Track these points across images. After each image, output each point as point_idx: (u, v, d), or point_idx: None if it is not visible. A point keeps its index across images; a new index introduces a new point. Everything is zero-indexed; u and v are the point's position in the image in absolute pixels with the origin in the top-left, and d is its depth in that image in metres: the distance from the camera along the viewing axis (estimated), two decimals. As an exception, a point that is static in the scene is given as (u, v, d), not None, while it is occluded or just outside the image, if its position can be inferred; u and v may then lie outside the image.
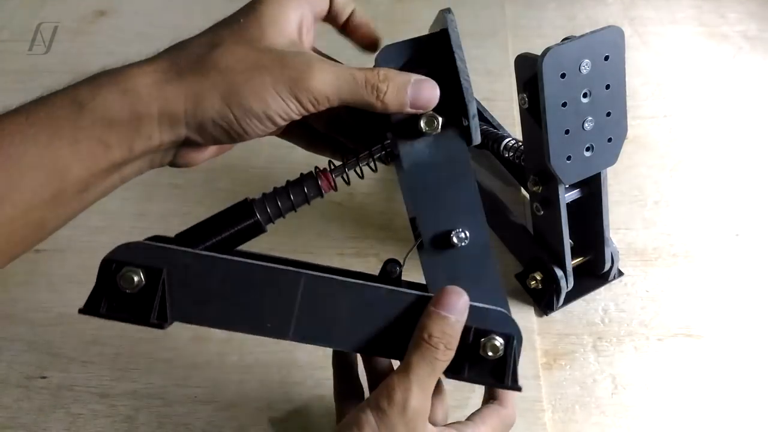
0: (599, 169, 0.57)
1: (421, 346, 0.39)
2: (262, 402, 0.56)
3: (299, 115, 0.37)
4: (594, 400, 0.57)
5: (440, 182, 0.42)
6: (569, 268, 0.60)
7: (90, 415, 0.56)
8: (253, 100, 0.36)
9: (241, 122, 0.36)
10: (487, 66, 0.90)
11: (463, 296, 0.40)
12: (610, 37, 0.52)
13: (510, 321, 0.42)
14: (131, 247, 0.40)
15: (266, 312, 0.40)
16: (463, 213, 0.42)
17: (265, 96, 0.36)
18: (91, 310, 0.39)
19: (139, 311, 0.39)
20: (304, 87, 0.36)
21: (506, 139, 0.68)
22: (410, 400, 0.38)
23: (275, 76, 0.36)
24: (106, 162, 0.35)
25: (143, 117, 0.35)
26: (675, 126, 0.82)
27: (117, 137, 0.35)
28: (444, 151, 0.41)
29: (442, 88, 0.40)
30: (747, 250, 0.68)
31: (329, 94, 0.37)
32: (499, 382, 0.41)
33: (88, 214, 0.38)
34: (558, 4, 1.01)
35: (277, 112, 0.36)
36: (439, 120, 0.40)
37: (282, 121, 0.37)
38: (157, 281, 0.39)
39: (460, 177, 0.42)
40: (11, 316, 0.62)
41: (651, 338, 0.61)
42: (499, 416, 0.43)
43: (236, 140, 0.38)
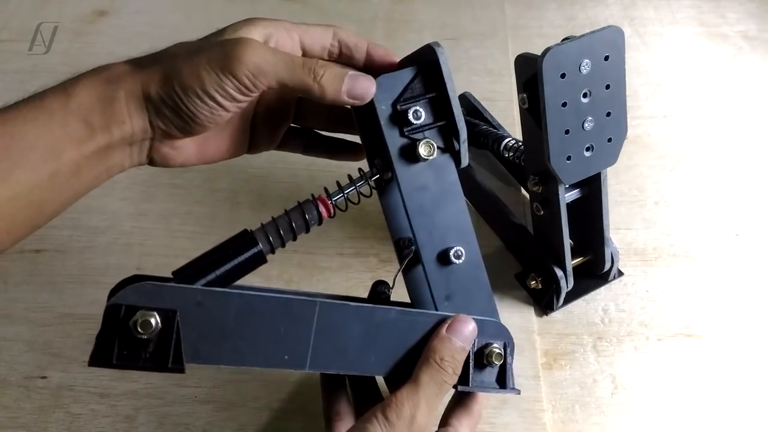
0: (599, 169, 0.57)
1: (432, 366, 0.42)
2: (262, 402, 0.56)
3: (240, 93, 0.39)
4: (594, 400, 0.57)
5: (436, 204, 0.44)
6: (569, 268, 0.60)
7: (90, 415, 0.56)
8: (189, 77, 0.38)
9: (184, 101, 0.38)
10: (487, 66, 0.90)
11: (472, 324, 0.44)
12: (610, 37, 0.52)
13: (504, 329, 0.46)
14: (139, 290, 0.37)
15: (283, 344, 0.39)
16: (458, 231, 0.45)
17: (200, 72, 0.38)
18: (102, 360, 0.37)
19: (156, 357, 0.37)
20: (238, 61, 0.38)
21: (506, 139, 0.68)
22: (418, 415, 0.40)
23: (210, 55, 0.38)
24: (93, 145, 0.39)
25: (114, 100, 0.38)
26: (675, 126, 0.82)
27: (98, 119, 0.38)
28: (437, 174, 0.44)
29: (437, 115, 0.43)
30: (747, 250, 0.68)
31: (265, 70, 0.38)
32: (502, 387, 0.45)
33: (88, 214, 0.38)
34: (558, 4, 1.01)
35: (214, 89, 0.38)
36: (435, 146, 0.42)
37: (226, 101, 0.39)
38: (172, 324, 0.37)
39: (452, 198, 0.44)
40: (11, 316, 0.62)
41: (651, 338, 0.61)
42: (472, 414, 0.46)
43: (194, 127, 0.40)
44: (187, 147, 0.44)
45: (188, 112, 0.39)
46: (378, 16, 0.98)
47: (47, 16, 0.97)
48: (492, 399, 0.56)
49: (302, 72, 0.39)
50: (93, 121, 0.38)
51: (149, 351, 0.37)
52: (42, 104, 0.38)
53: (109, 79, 0.39)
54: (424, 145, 0.42)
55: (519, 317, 0.62)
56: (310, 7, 0.99)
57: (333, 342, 0.40)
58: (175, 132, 0.40)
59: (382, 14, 0.98)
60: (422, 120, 0.42)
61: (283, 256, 0.66)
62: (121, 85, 0.39)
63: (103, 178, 0.41)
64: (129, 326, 0.36)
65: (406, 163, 0.43)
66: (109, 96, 0.39)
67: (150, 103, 0.39)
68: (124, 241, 0.68)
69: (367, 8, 0.99)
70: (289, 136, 0.49)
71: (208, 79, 0.38)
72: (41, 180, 0.38)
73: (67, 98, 0.38)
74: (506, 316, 0.62)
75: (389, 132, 0.42)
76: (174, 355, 0.37)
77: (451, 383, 0.43)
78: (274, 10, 0.97)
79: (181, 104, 0.39)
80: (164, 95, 0.39)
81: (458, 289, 0.45)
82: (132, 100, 0.39)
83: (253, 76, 0.38)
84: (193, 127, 0.40)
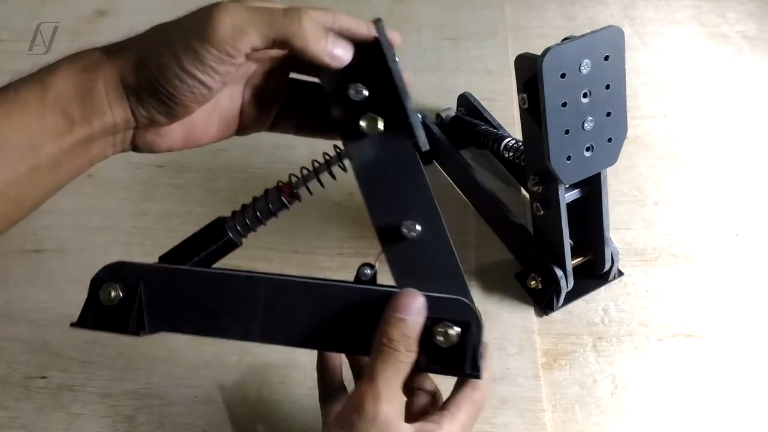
0: (599, 169, 0.57)
1: (383, 351, 0.39)
2: (262, 402, 0.56)
3: (221, 63, 0.36)
4: (594, 400, 0.57)
5: (389, 180, 0.43)
6: (569, 268, 0.60)
7: (90, 415, 0.56)
8: (165, 56, 0.36)
9: (163, 83, 0.37)
10: (487, 66, 0.90)
11: (418, 297, 0.40)
12: (610, 37, 0.52)
13: (465, 307, 0.41)
14: (113, 267, 0.44)
15: (231, 317, 0.43)
16: (414, 206, 0.43)
17: (175, 49, 0.36)
18: (81, 323, 0.43)
19: (118, 322, 0.42)
20: (212, 26, 0.35)
21: (506, 139, 0.68)
22: (380, 409, 0.38)
23: (183, 28, 0.36)
24: (73, 138, 0.37)
25: (93, 90, 0.37)
26: (675, 126, 0.82)
27: (78, 111, 0.37)
28: (391, 151, 0.43)
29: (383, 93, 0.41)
30: (747, 250, 0.68)
31: (244, 28, 0.36)
32: (458, 370, 0.41)
33: (89, 214, 0.38)
34: (558, 4, 1.01)
35: (193, 64, 0.36)
36: (380, 120, 0.41)
37: (207, 76, 0.37)
38: (134, 294, 0.42)
39: (409, 174, 0.43)
40: (11, 316, 0.62)
41: (651, 338, 0.61)
42: (473, 401, 0.43)
43: (177, 110, 0.38)
44: (173, 132, 0.41)
45: (168, 94, 0.37)
46: (378, 16, 0.98)
47: (47, 16, 0.97)
48: (492, 399, 0.56)
49: (285, 20, 0.37)
50: (72, 112, 0.37)
51: (115, 317, 0.43)
52: (17, 96, 0.37)
53: (86, 67, 0.37)
54: (366, 119, 0.41)
55: (519, 317, 0.62)
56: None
57: (282, 316, 0.43)
58: (159, 118, 0.39)
59: (382, 14, 0.97)
60: (363, 96, 0.41)
61: (283, 256, 0.66)
62: (99, 73, 0.37)
63: (85, 168, 0.40)
64: (98, 296, 0.43)
65: (353, 139, 0.42)
66: (88, 86, 0.37)
67: (129, 91, 0.37)
68: (124, 241, 0.68)
69: (367, 8, 0.99)
70: (281, 116, 0.46)
71: (185, 55, 0.36)
72: (19, 175, 0.37)
73: (44, 90, 0.37)
74: (506, 316, 0.62)
75: (335, 110, 0.42)
76: (137, 321, 0.42)
77: (408, 362, 0.39)
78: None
79: (160, 87, 0.37)
80: (142, 80, 0.37)
81: (418, 265, 0.43)
82: (111, 89, 0.37)
83: (232, 38, 0.35)
84: (176, 111, 0.38)
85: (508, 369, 0.58)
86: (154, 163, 0.76)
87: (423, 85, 0.87)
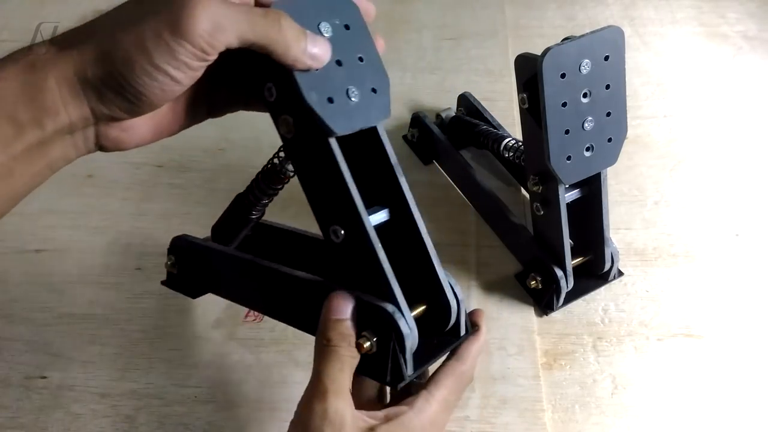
0: (599, 169, 0.57)
1: (323, 350, 0.40)
2: (262, 402, 0.56)
3: (197, 59, 0.33)
4: (594, 400, 0.57)
5: (317, 183, 0.42)
6: (569, 268, 0.60)
7: (90, 415, 0.56)
8: (133, 50, 0.33)
9: (130, 80, 0.33)
10: (487, 66, 0.90)
11: (348, 299, 0.42)
12: (610, 37, 0.52)
13: (386, 316, 0.41)
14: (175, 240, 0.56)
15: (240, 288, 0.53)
16: (337, 210, 0.42)
17: (144, 42, 0.32)
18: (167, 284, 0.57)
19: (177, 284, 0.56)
20: (190, 20, 0.32)
21: (506, 139, 0.68)
22: (329, 404, 0.39)
23: (156, 19, 0.33)
24: (22, 143, 0.34)
25: (44, 90, 0.33)
26: (675, 126, 0.82)
27: (26, 113, 0.33)
28: (311, 152, 0.41)
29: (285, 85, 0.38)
30: (747, 250, 0.68)
31: (224, 25, 0.33)
32: (381, 379, 0.42)
33: (88, 214, 0.38)
34: (558, 4, 1.01)
35: (165, 60, 0.33)
36: (291, 120, 0.39)
37: (179, 72, 0.34)
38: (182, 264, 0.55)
39: (329, 176, 0.41)
40: (11, 316, 0.62)
41: (651, 338, 0.61)
42: (455, 374, 0.43)
43: (143, 108, 0.35)
44: (140, 126, 0.38)
45: (135, 92, 0.34)
46: (378, 16, 0.97)
47: (47, 16, 0.97)
48: (492, 399, 0.56)
49: (266, 23, 0.34)
50: (19, 116, 0.33)
51: (174, 280, 0.56)
52: None
53: (34, 64, 0.33)
54: (281, 122, 0.39)
55: (519, 317, 0.62)
56: None
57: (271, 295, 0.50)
58: (122, 115, 0.35)
59: (382, 14, 0.97)
60: (274, 98, 0.39)
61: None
62: (49, 70, 0.33)
63: (46, 174, 0.37)
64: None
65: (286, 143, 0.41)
66: (36, 85, 0.33)
67: (88, 88, 0.34)
68: (124, 241, 0.68)
69: (367, 8, 0.99)
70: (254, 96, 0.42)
71: (157, 50, 0.32)
72: None
73: None
74: (506, 316, 0.62)
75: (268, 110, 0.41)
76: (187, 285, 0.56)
77: (350, 355, 0.40)
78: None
79: (126, 85, 0.33)
80: (105, 76, 0.33)
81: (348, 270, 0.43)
82: (65, 87, 0.33)
83: (210, 35, 0.32)
84: (142, 108, 0.35)
85: (508, 369, 0.58)
86: (154, 163, 0.76)
87: (423, 85, 0.87)
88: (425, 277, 0.44)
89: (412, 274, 0.44)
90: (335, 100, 0.38)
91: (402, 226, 0.44)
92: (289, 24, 0.36)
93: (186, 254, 0.55)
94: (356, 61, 0.40)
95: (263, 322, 0.61)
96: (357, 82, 0.39)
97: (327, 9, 0.39)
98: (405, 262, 0.44)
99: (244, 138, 0.78)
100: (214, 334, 0.61)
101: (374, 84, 0.40)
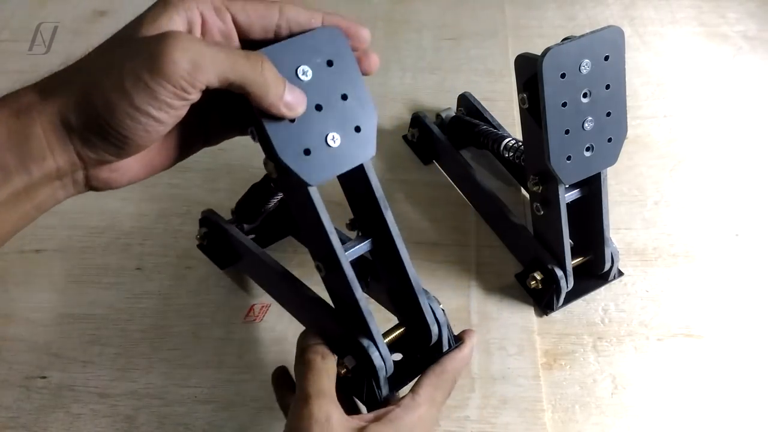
0: (599, 169, 0.57)
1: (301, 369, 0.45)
2: (262, 402, 0.56)
3: (177, 98, 0.33)
4: (594, 400, 0.57)
5: (302, 220, 0.44)
6: (569, 268, 0.60)
7: (90, 415, 0.56)
8: (114, 93, 0.32)
9: (112, 124, 0.33)
10: (487, 66, 0.90)
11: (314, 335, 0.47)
12: (610, 37, 0.52)
13: (357, 347, 0.45)
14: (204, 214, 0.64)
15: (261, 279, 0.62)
16: (318, 248, 0.44)
17: (124, 84, 0.32)
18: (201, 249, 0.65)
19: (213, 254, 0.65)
20: (168, 61, 0.32)
21: (506, 139, 0.68)
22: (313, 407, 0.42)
23: (134, 61, 0.32)
24: (9, 189, 0.34)
25: (30, 136, 0.33)
26: (675, 126, 0.82)
27: (13, 160, 0.33)
28: (293, 192, 0.42)
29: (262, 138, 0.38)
30: (747, 250, 0.68)
31: (203, 65, 0.33)
32: (360, 399, 0.47)
33: (88, 214, 0.38)
34: (558, 4, 1.01)
35: (146, 101, 0.32)
36: (272, 165, 0.39)
37: (161, 112, 0.33)
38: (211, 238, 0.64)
39: (309, 216, 0.42)
40: (11, 316, 0.62)
41: (651, 338, 0.61)
42: (434, 373, 0.46)
43: (130, 149, 0.35)
44: (130, 165, 0.38)
45: (120, 135, 0.33)
46: (378, 16, 0.98)
47: (47, 16, 0.97)
48: (492, 399, 0.56)
49: (247, 65, 0.34)
50: (6, 162, 0.33)
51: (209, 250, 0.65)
52: None
53: (20, 111, 0.33)
54: (265, 163, 0.40)
55: (519, 317, 0.62)
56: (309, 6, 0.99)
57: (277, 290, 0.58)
58: (109, 158, 0.35)
59: (382, 14, 0.98)
60: (257, 140, 0.39)
61: (283, 255, 0.66)
62: (35, 117, 0.33)
63: (33, 215, 0.36)
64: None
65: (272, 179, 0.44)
66: (23, 132, 0.33)
67: (73, 134, 0.33)
68: (124, 241, 0.68)
69: (367, 8, 0.99)
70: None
71: (137, 92, 0.32)
72: None
73: None
74: (506, 316, 0.62)
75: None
76: (215, 256, 0.64)
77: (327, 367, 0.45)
78: (274, 10, 0.97)
79: (109, 129, 0.33)
80: (88, 122, 0.33)
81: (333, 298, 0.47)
82: (51, 133, 0.33)
83: (189, 74, 0.32)
84: (128, 150, 0.35)
85: (508, 369, 0.58)
86: (154, 163, 0.76)
87: (423, 85, 0.87)
88: (408, 302, 0.46)
89: (397, 296, 0.48)
90: (313, 151, 0.38)
91: (386, 255, 0.45)
92: (270, 68, 0.35)
93: (213, 229, 0.63)
94: (338, 100, 0.38)
95: (263, 322, 0.62)
96: (338, 125, 0.38)
97: (310, 48, 0.37)
98: (391, 284, 0.47)
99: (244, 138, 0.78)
100: (214, 334, 0.61)
101: (359, 121, 0.39)
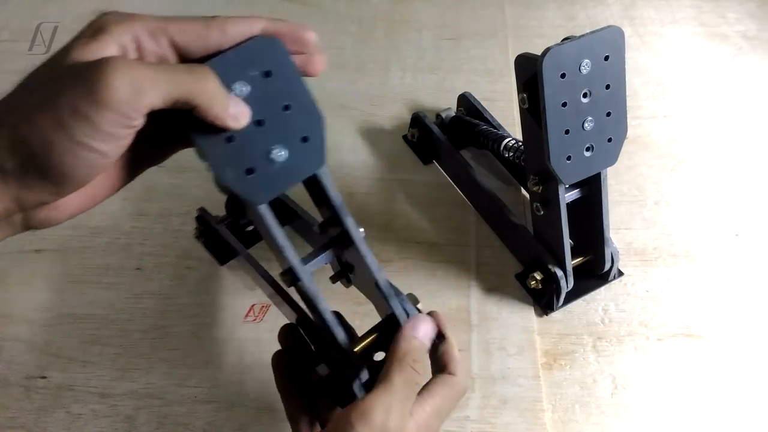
0: (599, 169, 0.57)
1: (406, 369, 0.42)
2: (262, 402, 0.56)
3: (121, 127, 0.31)
4: (594, 400, 0.57)
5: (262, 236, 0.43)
6: (569, 268, 0.60)
7: (90, 415, 0.56)
8: (50, 129, 0.30)
9: (51, 161, 0.30)
10: (487, 66, 0.90)
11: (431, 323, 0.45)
12: (610, 37, 0.52)
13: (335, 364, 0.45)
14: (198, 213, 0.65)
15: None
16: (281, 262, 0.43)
17: (62, 118, 0.29)
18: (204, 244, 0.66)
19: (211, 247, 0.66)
20: (106, 88, 0.29)
21: (506, 139, 0.68)
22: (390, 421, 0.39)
23: (70, 92, 0.30)
24: None
25: None
26: (675, 126, 0.82)
27: None
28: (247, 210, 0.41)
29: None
30: (747, 250, 0.68)
31: (144, 87, 0.30)
32: (338, 404, 0.47)
33: (88, 214, 0.38)
34: (558, 4, 1.01)
35: (87, 134, 0.30)
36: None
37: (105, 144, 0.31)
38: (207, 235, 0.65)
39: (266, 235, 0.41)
40: (11, 316, 0.62)
41: (651, 338, 0.61)
42: (447, 385, 0.44)
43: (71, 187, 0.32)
44: (70, 200, 0.35)
45: (59, 173, 0.31)
46: (378, 16, 0.98)
47: (47, 16, 0.97)
48: (492, 399, 0.56)
49: (190, 78, 0.32)
50: None
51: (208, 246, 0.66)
52: None
53: None
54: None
55: (519, 317, 0.62)
56: (309, 6, 0.99)
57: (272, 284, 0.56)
58: (49, 198, 0.32)
59: (382, 14, 0.98)
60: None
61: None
62: None
63: None
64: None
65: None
66: None
67: (8, 177, 0.31)
68: (124, 241, 0.68)
69: (367, 8, 0.99)
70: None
71: (76, 125, 0.29)
72: None
73: None
74: (506, 316, 0.62)
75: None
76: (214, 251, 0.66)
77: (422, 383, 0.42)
78: (273, 11, 0.97)
79: (47, 168, 0.30)
80: (24, 163, 0.30)
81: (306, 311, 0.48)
82: None
83: (131, 99, 0.30)
84: (69, 188, 0.32)
85: (508, 369, 0.58)
86: (154, 163, 0.76)
87: (423, 85, 0.87)
88: (382, 305, 0.46)
89: (372, 298, 0.47)
90: (256, 169, 0.36)
91: (353, 260, 0.45)
92: (213, 78, 0.34)
93: (206, 228, 0.64)
94: (280, 112, 0.36)
95: (263, 322, 0.62)
96: (282, 138, 0.37)
97: (244, 61, 0.35)
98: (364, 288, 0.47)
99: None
100: (214, 334, 0.61)
101: (305, 131, 0.37)
